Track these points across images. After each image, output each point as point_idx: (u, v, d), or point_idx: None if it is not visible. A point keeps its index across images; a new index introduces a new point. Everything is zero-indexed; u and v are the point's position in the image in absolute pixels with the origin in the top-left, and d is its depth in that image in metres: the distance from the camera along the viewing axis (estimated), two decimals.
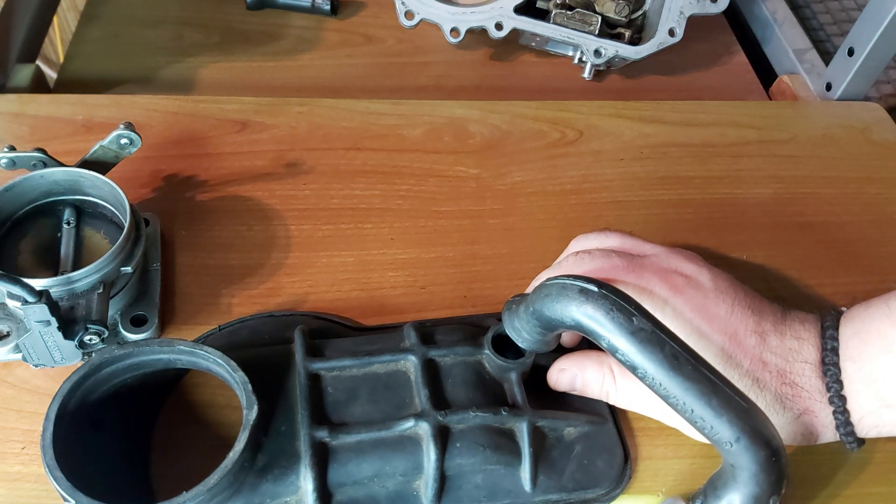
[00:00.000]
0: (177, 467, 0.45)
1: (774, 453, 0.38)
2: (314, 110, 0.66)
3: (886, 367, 0.42)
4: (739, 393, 0.39)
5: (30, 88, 0.67)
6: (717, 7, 0.72)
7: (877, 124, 0.72)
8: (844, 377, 0.43)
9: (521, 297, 0.45)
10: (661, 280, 0.46)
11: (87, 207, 0.52)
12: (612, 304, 0.39)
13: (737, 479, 0.39)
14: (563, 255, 0.52)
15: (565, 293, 0.40)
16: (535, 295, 0.42)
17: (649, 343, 0.38)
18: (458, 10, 0.71)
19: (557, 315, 0.40)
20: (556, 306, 0.40)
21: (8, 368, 0.48)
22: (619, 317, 0.38)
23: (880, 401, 0.43)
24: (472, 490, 0.44)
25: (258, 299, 0.53)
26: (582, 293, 0.39)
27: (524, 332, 0.44)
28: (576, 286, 0.40)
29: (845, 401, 0.43)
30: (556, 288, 0.41)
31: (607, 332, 0.39)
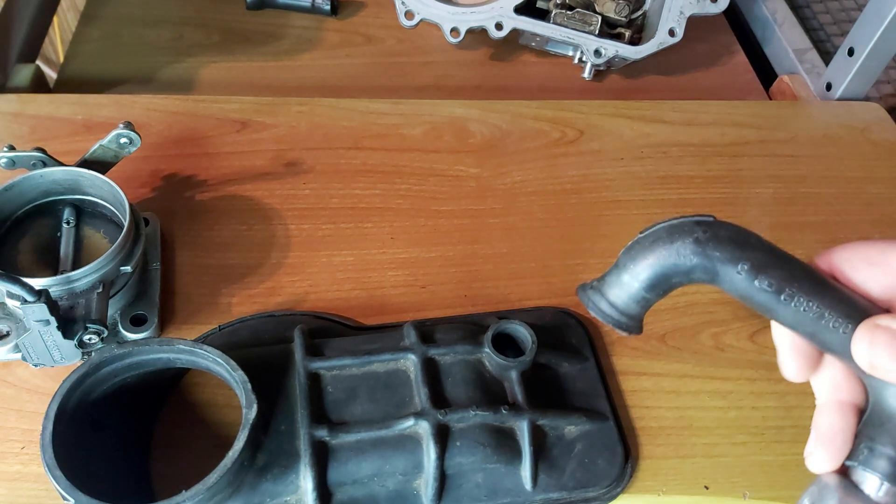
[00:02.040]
0: (176, 466, 0.45)
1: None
2: (314, 110, 0.66)
3: None
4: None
5: (30, 88, 0.67)
6: (717, 7, 0.72)
7: (877, 124, 0.72)
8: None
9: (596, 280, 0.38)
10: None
11: (87, 207, 0.52)
12: (736, 232, 0.34)
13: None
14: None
15: (680, 230, 0.34)
16: (638, 247, 0.35)
17: (790, 264, 0.33)
18: (458, 10, 0.71)
19: (671, 261, 0.34)
20: (669, 250, 0.34)
21: (8, 368, 0.48)
22: (751, 241, 0.34)
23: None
24: (472, 489, 0.44)
25: (258, 299, 0.53)
26: (700, 225, 0.34)
27: (620, 302, 0.36)
28: (689, 221, 0.34)
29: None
30: (664, 230, 0.35)
31: (741, 263, 0.33)
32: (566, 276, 0.57)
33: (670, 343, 0.54)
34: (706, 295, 0.57)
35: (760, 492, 0.48)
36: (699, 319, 0.56)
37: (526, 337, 0.47)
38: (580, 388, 0.49)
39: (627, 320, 0.36)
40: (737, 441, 0.50)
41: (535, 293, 0.56)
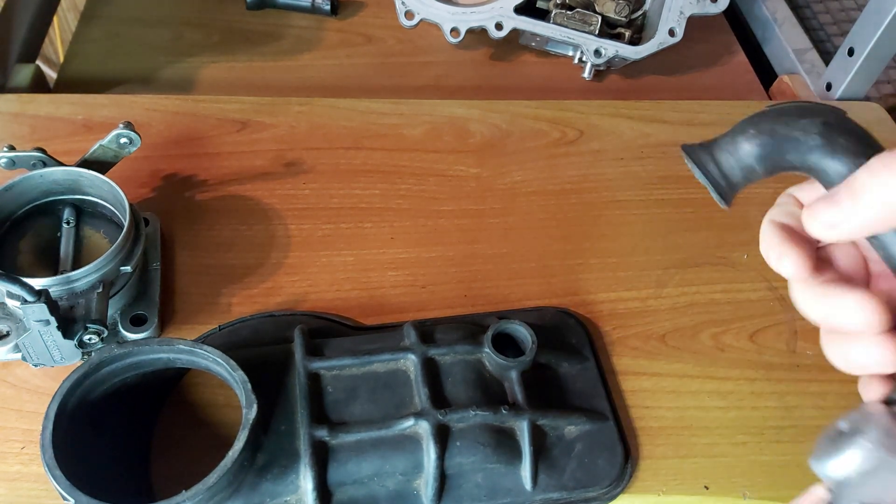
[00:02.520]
0: (176, 466, 0.45)
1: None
2: (314, 110, 0.66)
3: None
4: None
5: (30, 88, 0.67)
6: (717, 7, 0.72)
7: (877, 124, 0.72)
8: None
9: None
10: None
11: (87, 207, 0.52)
12: (864, 131, 0.32)
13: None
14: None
15: (811, 110, 0.32)
16: (763, 115, 0.34)
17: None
18: (458, 10, 0.71)
19: (794, 134, 0.32)
20: (795, 125, 0.32)
21: (7, 368, 0.48)
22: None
23: None
24: (472, 489, 0.44)
25: (258, 299, 0.53)
26: (833, 112, 0.32)
27: (726, 163, 0.34)
28: (822, 105, 0.33)
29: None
30: (794, 106, 0.33)
31: (861, 158, 0.31)
32: (566, 276, 0.57)
33: (670, 343, 0.54)
34: (706, 295, 0.57)
35: (760, 492, 0.48)
36: (699, 319, 0.56)
37: (526, 337, 0.47)
38: (580, 388, 0.49)
39: (727, 186, 0.34)
40: (737, 441, 0.50)
41: (535, 293, 0.56)
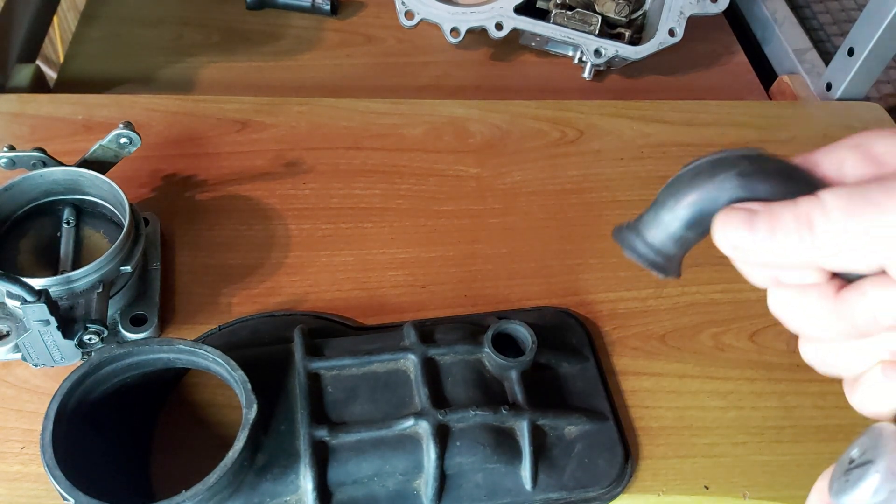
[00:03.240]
0: (176, 466, 0.45)
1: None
2: (314, 110, 0.66)
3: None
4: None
5: (30, 88, 0.67)
6: (717, 7, 0.72)
7: (877, 124, 0.72)
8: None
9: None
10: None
11: (87, 207, 0.52)
12: (783, 166, 0.32)
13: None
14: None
15: (724, 164, 0.33)
16: (678, 182, 0.34)
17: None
18: (458, 10, 0.71)
19: (714, 195, 0.32)
20: (712, 184, 0.32)
21: (7, 368, 0.48)
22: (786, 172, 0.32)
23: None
24: (472, 489, 0.44)
25: (258, 299, 0.53)
26: (745, 159, 0.33)
27: (657, 241, 0.34)
28: (734, 154, 0.33)
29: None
30: (707, 164, 0.33)
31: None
32: (566, 276, 0.57)
33: (670, 343, 0.54)
34: (706, 295, 0.57)
35: (760, 492, 0.48)
36: (699, 319, 0.56)
37: (526, 337, 0.47)
38: (580, 388, 0.49)
39: (664, 261, 0.34)
40: (737, 441, 0.50)
41: (535, 293, 0.56)
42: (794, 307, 0.30)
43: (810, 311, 0.30)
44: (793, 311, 0.30)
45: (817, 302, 0.29)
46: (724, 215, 0.30)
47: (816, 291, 0.29)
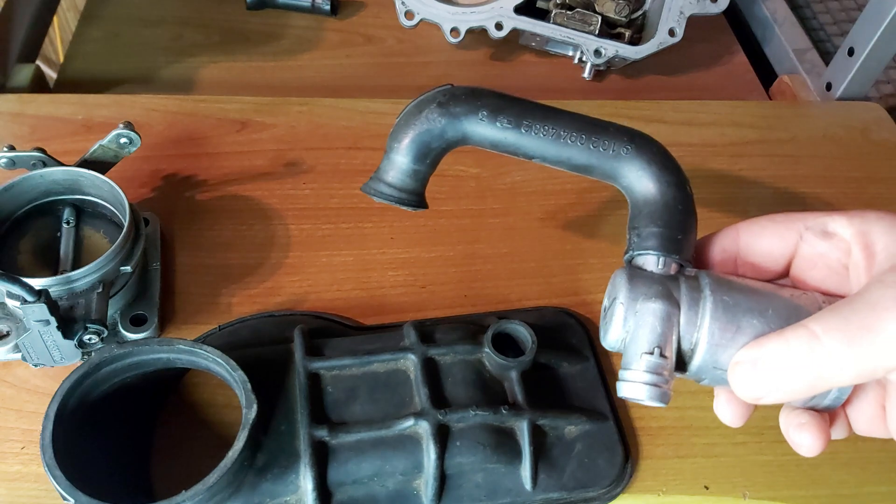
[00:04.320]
0: (176, 467, 0.45)
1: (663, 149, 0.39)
2: (314, 110, 0.66)
3: None
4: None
5: (30, 88, 0.67)
6: (717, 7, 0.72)
7: (877, 124, 0.72)
8: None
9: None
10: None
11: (87, 207, 0.52)
12: (471, 90, 0.38)
13: (646, 190, 0.38)
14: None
15: (425, 101, 0.39)
16: (395, 127, 0.40)
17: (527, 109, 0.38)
18: (458, 10, 0.71)
19: (424, 127, 0.39)
20: (419, 119, 0.39)
21: (7, 368, 0.48)
22: (489, 101, 0.39)
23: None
24: (472, 489, 0.44)
25: (258, 299, 0.53)
26: (440, 93, 0.39)
27: (396, 180, 0.40)
28: (431, 92, 0.40)
29: None
30: (413, 105, 0.40)
31: (479, 111, 0.38)
32: (566, 276, 0.57)
33: None
34: None
35: (760, 492, 0.48)
36: None
37: (526, 337, 0.47)
38: (580, 388, 0.49)
39: (408, 196, 0.40)
40: (737, 441, 0.50)
41: (535, 293, 0.56)
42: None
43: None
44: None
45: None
46: (733, 373, 0.33)
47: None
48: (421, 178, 0.40)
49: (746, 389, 0.32)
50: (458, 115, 0.38)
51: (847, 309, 0.30)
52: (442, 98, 0.39)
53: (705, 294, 0.34)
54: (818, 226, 0.35)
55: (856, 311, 0.30)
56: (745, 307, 0.33)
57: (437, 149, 0.40)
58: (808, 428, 0.34)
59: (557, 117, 0.39)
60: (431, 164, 0.40)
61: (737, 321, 0.33)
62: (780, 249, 0.36)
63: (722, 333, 0.33)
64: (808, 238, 0.35)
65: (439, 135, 0.39)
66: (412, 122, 0.39)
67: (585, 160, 0.39)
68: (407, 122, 0.39)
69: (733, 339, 0.33)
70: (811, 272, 0.35)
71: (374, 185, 0.40)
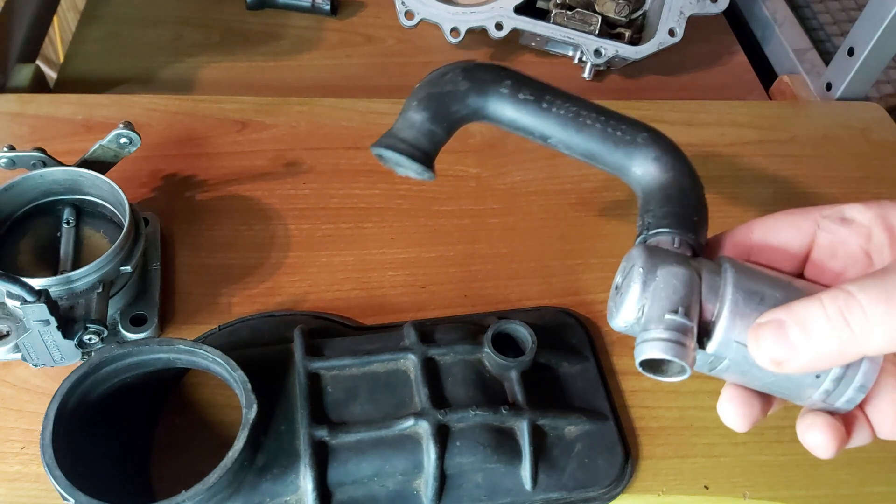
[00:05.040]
0: (176, 467, 0.45)
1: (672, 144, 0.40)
2: (314, 110, 0.66)
3: None
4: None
5: (30, 88, 0.67)
6: (717, 7, 0.72)
7: (877, 124, 0.72)
8: None
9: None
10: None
11: (87, 207, 0.52)
12: (495, 66, 0.39)
13: (661, 180, 0.38)
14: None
15: (449, 67, 0.39)
16: (416, 89, 0.40)
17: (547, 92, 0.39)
18: (458, 10, 0.71)
19: (447, 88, 0.39)
20: (442, 81, 0.39)
21: (7, 368, 0.48)
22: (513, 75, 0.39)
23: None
24: (472, 489, 0.44)
25: (258, 299, 0.53)
26: (464, 62, 0.39)
27: (410, 137, 0.39)
28: (456, 62, 0.40)
29: None
30: (436, 72, 0.40)
31: (504, 80, 0.38)
32: (566, 276, 0.57)
33: None
34: None
35: (760, 492, 0.48)
36: None
37: (526, 337, 0.47)
38: (580, 388, 0.49)
39: (420, 154, 0.38)
40: (737, 441, 0.50)
41: (535, 293, 0.56)
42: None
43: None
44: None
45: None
46: (756, 334, 0.31)
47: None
48: (435, 140, 0.39)
49: (769, 350, 0.30)
50: (483, 82, 0.38)
51: (882, 273, 0.29)
52: (467, 66, 0.39)
53: (725, 266, 0.33)
54: (835, 213, 0.34)
55: (892, 275, 0.29)
56: (767, 280, 0.32)
57: (456, 113, 0.39)
58: (820, 427, 0.33)
59: (577, 99, 0.39)
60: (448, 128, 0.39)
61: (760, 291, 0.32)
62: (798, 240, 0.35)
63: (746, 302, 0.32)
64: (826, 226, 0.34)
65: (461, 98, 0.38)
66: (435, 82, 0.39)
67: (602, 142, 0.39)
68: (429, 83, 0.39)
69: (757, 308, 0.31)
70: (831, 262, 0.34)
71: (385, 140, 0.38)
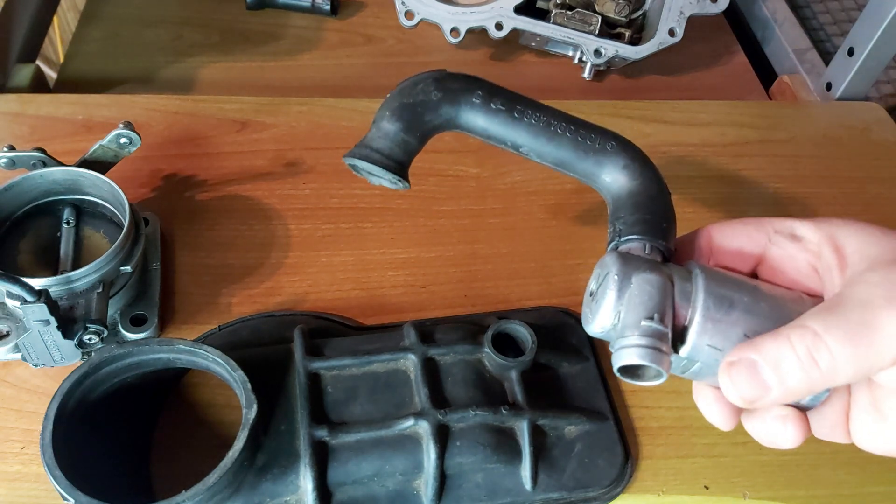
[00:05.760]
0: (176, 467, 0.45)
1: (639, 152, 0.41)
2: (314, 110, 0.66)
3: None
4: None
5: (30, 88, 0.67)
6: (717, 7, 0.72)
7: (877, 124, 0.72)
8: None
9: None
10: None
11: (87, 207, 0.52)
12: (466, 75, 0.39)
13: (628, 185, 0.39)
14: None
15: (420, 77, 0.40)
16: (387, 99, 0.40)
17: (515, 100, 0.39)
18: (458, 10, 0.71)
19: (419, 98, 0.39)
20: (414, 91, 0.39)
21: (7, 368, 0.48)
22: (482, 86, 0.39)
23: None
24: (472, 489, 0.44)
25: (258, 299, 0.53)
26: (436, 71, 0.40)
27: (385, 147, 0.39)
28: (426, 72, 0.40)
29: None
30: (408, 81, 0.40)
31: (475, 90, 0.39)
32: (566, 276, 0.57)
33: None
34: None
35: (760, 492, 0.48)
36: None
37: (526, 337, 0.47)
38: (580, 388, 0.49)
39: (394, 164, 0.39)
40: (737, 441, 0.50)
41: (535, 293, 0.56)
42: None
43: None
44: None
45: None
46: (729, 373, 0.32)
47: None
48: (408, 150, 0.39)
49: (743, 390, 0.31)
50: (455, 92, 0.39)
51: (841, 308, 0.30)
52: (438, 75, 0.39)
53: (696, 272, 0.34)
54: (786, 229, 0.35)
55: (851, 310, 0.30)
56: (735, 286, 0.34)
57: (429, 123, 0.39)
58: (791, 420, 0.34)
59: (548, 109, 0.40)
60: (421, 138, 0.39)
61: (729, 297, 0.33)
62: (750, 250, 0.36)
63: (717, 307, 0.33)
64: (777, 241, 0.35)
65: (434, 108, 0.39)
66: (407, 93, 0.39)
67: (573, 151, 0.39)
68: (401, 93, 0.39)
69: (727, 313, 0.33)
70: (778, 276, 0.35)
71: (359, 150, 0.39)
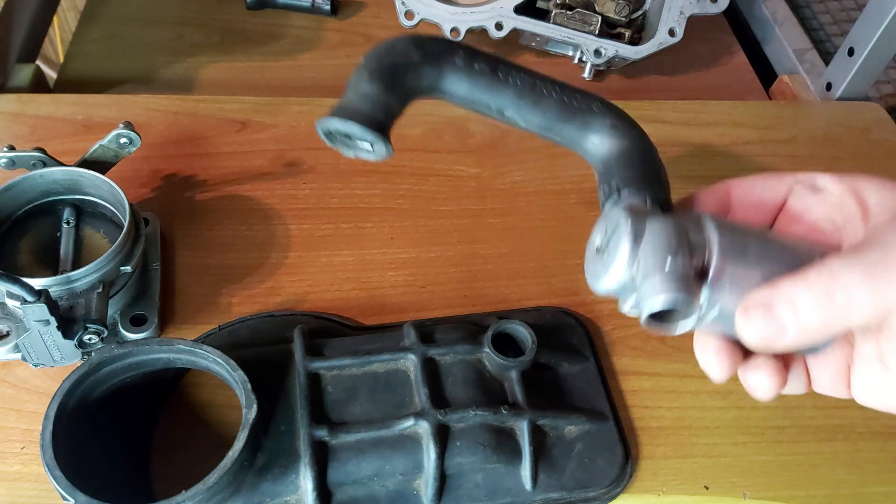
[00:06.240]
0: (176, 466, 0.45)
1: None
2: (314, 110, 0.66)
3: None
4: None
5: (30, 88, 0.67)
6: (717, 7, 0.72)
7: (877, 124, 0.72)
8: None
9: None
10: None
11: (87, 207, 0.52)
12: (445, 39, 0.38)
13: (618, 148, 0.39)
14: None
15: (399, 38, 0.37)
16: (365, 61, 0.37)
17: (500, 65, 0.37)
18: (458, 10, 0.71)
19: (400, 59, 0.36)
20: (394, 50, 0.36)
21: (7, 368, 0.48)
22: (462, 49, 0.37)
23: None
24: (472, 489, 0.44)
25: (258, 299, 0.53)
26: (416, 36, 0.37)
27: (365, 108, 0.36)
28: (406, 35, 0.37)
29: None
30: (386, 42, 0.37)
31: (456, 52, 0.37)
32: (566, 276, 0.57)
33: (670, 343, 0.54)
34: None
35: (760, 492, 0.48)
36: None
37: (526, 337, 0.47)
38: (580, 388, 0.49)
39: (376, 126, 0.35)
40: (737, 441, 0.50)
41: (535, 293, 0.56)
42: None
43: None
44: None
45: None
46: (744, 316, 0.31)
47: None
48: (388, 111, 0.36)
49: (759, 331, 0.30)
50: (436, 54, 0.36)
51: (860, 250, 0.30)
52: (416, 38, 0.37)
53: (707, 219, 0.32)
54: (808, 180, 0.35)
55: (872, 251, 0.29)
56: (747, 231, 0.32)
57: (410, 84, 0.36)
58: (764, 368, 0.33)
59: (530, 71, 0.38)
60: (402, 100, 0.36)
61: (743, 241, 0.32)
62: (771, 200, 0.36)
63: (733, 250, 0.31)
64: (797, 191, 0.35)
65: (414, 69, 0.36)
66: (385, 54, 0.36)
67: (559, 112, 0.38)
68: (378, 56, 0.36)
69: (743, 256, 0.31)
70: (794, 227, 0.35)
71: (335, 110, 0.35)
